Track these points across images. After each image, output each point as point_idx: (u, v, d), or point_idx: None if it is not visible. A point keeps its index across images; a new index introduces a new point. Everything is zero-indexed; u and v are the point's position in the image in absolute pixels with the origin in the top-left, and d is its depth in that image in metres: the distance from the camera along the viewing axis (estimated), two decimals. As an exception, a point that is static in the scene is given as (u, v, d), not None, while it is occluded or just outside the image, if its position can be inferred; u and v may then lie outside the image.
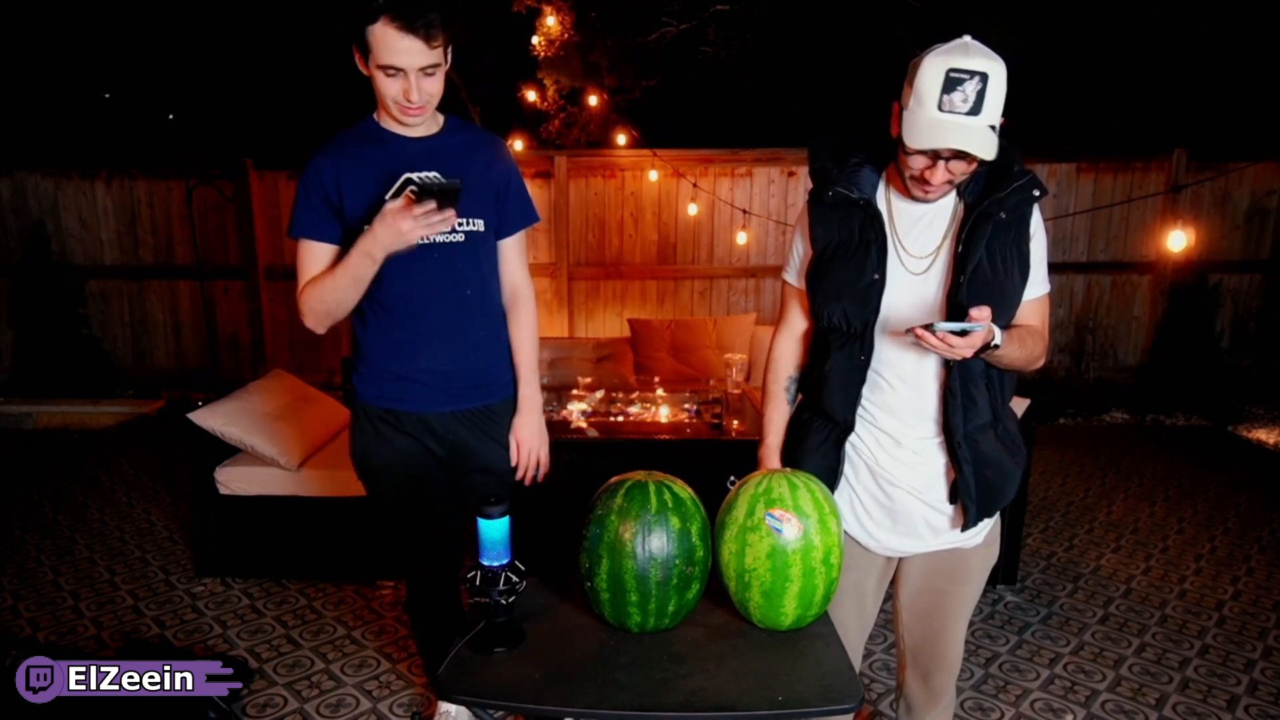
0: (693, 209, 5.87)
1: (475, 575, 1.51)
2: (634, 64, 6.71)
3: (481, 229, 1.94)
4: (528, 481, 2.10)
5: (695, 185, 5.84)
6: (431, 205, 1.65)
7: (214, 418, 3.17)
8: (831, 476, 1.70)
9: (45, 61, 7.68)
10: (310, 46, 6.97)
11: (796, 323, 1.82)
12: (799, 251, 1.74)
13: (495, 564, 1.51)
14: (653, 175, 5.86)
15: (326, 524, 3.23)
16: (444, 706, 2.34)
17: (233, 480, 3.20)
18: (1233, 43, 6.06)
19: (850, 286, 1.60)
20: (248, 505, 3.22)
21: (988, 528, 1.75)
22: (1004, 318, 1.55)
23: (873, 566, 1.77)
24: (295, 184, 6.38)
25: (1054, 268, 6.41)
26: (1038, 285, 1.63)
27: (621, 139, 6.08)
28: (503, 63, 6.85)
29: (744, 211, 5.86)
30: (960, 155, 1.45)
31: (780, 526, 1.44)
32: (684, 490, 1.52)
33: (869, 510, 1.71)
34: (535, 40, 6.65)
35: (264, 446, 3.17)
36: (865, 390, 1.65)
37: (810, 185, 1.70)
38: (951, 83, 1.39)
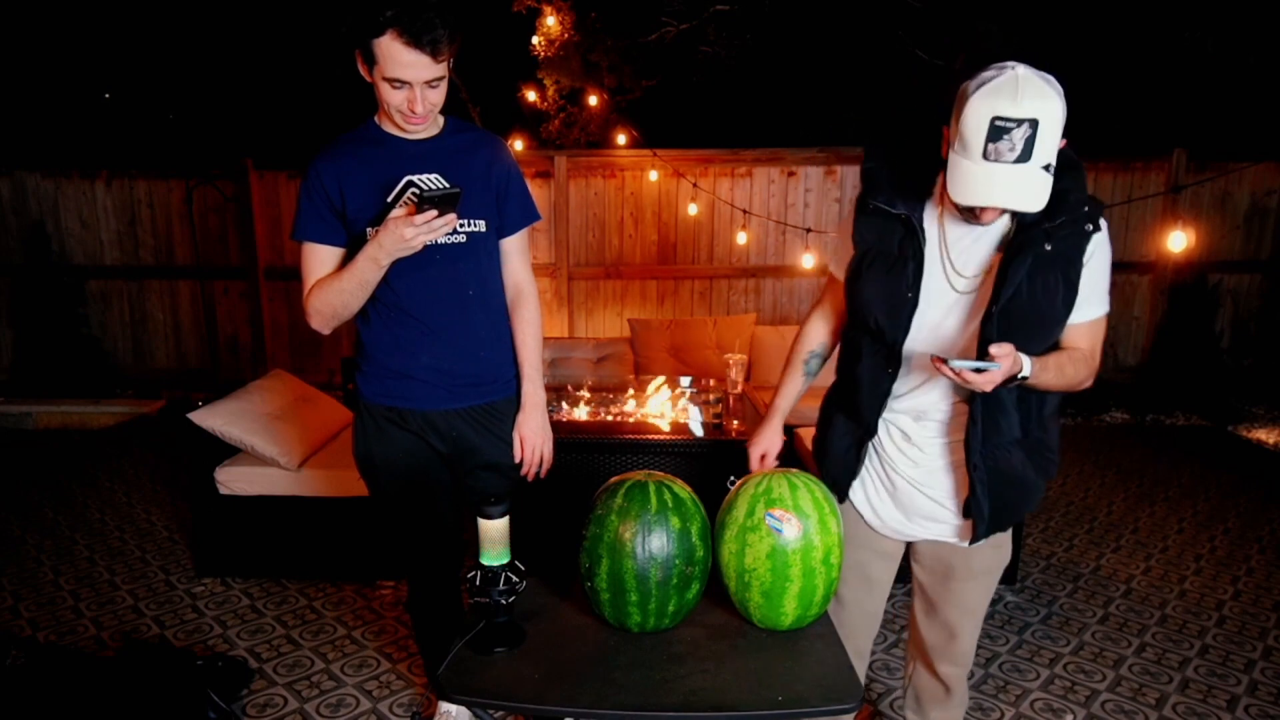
0: (693, 209, 5.87)
1: (475, 575, 1.52)
2: (634, 64, 6.70)
3: (483, 229, 1.95)
4: (530, 477, 2.11)
5: (695, 185, 5.84)
6: (432, 213, 1.66)
7: (214, 418, 3.17)
8: (850, 474, 1.73)
9: (45, 61, 7.67)
10: (311, 47, 6.96)
11: (830, 308, 1.84)
12: (845, 246, 1.71)
13: (495, 564, 1.51)
14: (653, 175, 5.86)
15: (326, 524, 3.23)
16: (444, 706, 2.35)
17: (233, 480, 3.20)
18: (1232, 43, 6.05)
19: (885, 300, 1.58)
20: (248, 505, 3.22)
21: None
22: (1039, 345, 1.50)
23: (877, 545, 1.80)
24: (296, 184, 6.40)
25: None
26: (1092, 308, 1.54)
27: (621, 139, 6.08)
28: (503, 63, 6.85)
29: (744, 211, 5.86)
30: None
31: (780, 526, 1.44)
32: (684, 490, 1.52)
33: (876, 491, 1.75)
34: (535, 40, 6.64)
35: (264, 446, 3.17)
36: (901, 403, 1.66)
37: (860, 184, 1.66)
38: (997, 131, 1.30)
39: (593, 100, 6.64)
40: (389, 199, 1.85)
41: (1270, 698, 2.56)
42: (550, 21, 6.52)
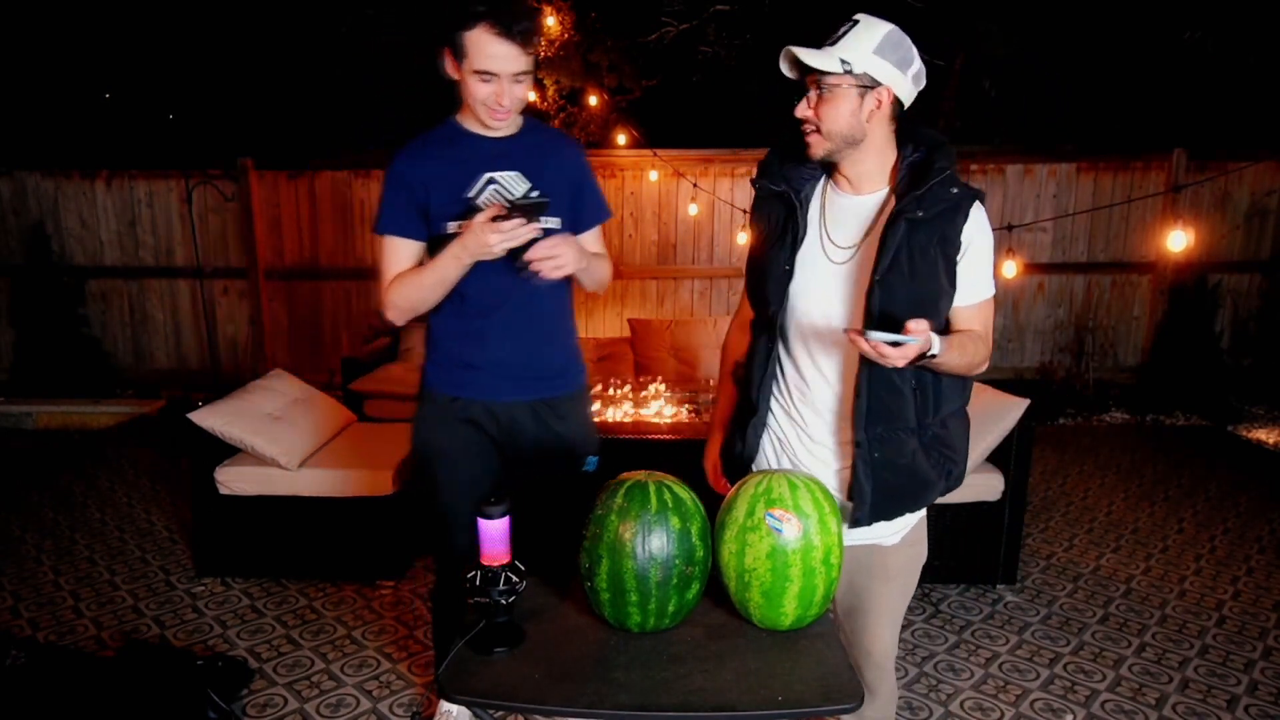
0: (693, 209, 5.87)
1: (475, 575, 1.52)
2: (634, 64, 6.70)
3: (557, 227, 1.98)
4: (533, 266, 1.82)
5: (695, 185, 5.84)
6: (519, 221, 1.71)
7: (214, 418, 3.17)
8: (750, 456, 1.77)
9: (45, 61, 7.67)
10: (311, 47, 6.96)
11: (744, 312, 1.88)
12: (751, 242, 1.82)
13: (495, 564, 1.51)
14: (653, 175, 5.86)
15: (326, 524, 3.24)
16: (444, 706, 2.35)
17: (233, 480, 3.20)
18: (1232, 43, 6.05)
19: (769, 275, 1.68)
20: (248, 505, 3.22)
21: (907, 528, 1.73)
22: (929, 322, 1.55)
23: None
24: (296, 184, 6.38)
25: (1054, 268, 6.38)
26: (979, 290, 1.60)
27: (622, 139, 6.08)
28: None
29: (744, 211, 5.85)
30: (817, 88, 1.54)
31: (780, 526, 1.44)
32: (684, 490, 1.52)
33: None
34: (535, 40, 6.64)
35: (264, 446, 3.17)
36: (790, 385, 1.71)
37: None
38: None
39: (593, 100, 6.64)
40: (469, 194, 1.90)
41: (1270, 698, 2.56)
42: (550, 21, 6.52)
